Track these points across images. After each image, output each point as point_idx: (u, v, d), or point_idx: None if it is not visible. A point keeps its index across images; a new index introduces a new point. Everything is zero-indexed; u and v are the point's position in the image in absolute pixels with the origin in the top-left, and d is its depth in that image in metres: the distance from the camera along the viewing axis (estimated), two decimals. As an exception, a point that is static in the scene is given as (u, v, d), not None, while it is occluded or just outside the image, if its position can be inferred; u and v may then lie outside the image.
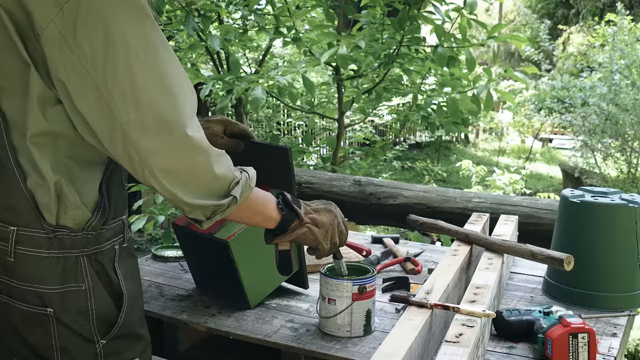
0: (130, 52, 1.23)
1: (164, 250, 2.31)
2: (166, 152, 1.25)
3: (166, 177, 1.26)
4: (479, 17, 4.12)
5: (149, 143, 1.24)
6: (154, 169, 1.25)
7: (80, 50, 1.22)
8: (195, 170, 1.29)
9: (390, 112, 5.78)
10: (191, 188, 1.30)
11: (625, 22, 10.80)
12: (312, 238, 1.54)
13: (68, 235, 1.36)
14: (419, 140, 16.05)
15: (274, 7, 4.57)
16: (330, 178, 3.35)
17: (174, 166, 1.27)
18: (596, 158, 11.02)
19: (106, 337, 1.42)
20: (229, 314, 1.82)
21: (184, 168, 1.27)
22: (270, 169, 1.84)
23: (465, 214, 2.57)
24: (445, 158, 16.19)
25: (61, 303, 1.37)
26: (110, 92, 1.23)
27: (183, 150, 1.26)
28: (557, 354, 1.50)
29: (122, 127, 1.23)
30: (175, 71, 1.28)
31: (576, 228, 1.92)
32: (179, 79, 1.28)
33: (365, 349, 1.62)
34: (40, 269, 1.36)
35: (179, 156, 1.26)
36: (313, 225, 1.54)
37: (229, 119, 1.87)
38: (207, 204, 1.32)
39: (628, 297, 1.87)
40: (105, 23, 1.22)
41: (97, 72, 1.22)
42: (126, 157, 1.27)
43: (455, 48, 4.08)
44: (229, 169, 1.35)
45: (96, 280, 1.40)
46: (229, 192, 1.34)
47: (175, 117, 1.25)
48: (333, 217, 1.58)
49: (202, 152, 1.28)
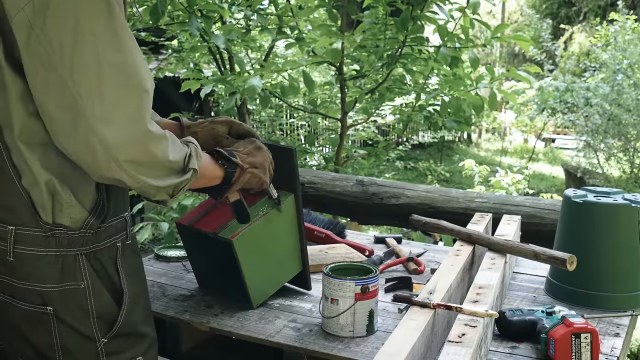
0: (99, 45, 1.24)
1: (166, 250, 2.31)
2: (132, 144, 1.27)
3: (132, 166, 1.28)
4: (482, 18, 4.12)
5: (116, 136, 1.25)
6: (120, 160, 1.26)
7: (48, 41, 1.23)
8: (157, 157, 1.32)
9: (393, 112, 5.78)
10: (156, 172, 1.33)
11: (629, 22, 10.79)
12: (256, 180, 1.65)
13: (65, 234, 1.36)
14: (422, 141, 16.04)
15: (277, 7, 4.57)
16: (333, 178, 3.35)
17: (139, 156, 1.29)
18: (599, 158, 11.02)
19: (107, 336, 1.42)
20: (231, 314, 1.82)
21: (148, 157, 1.30)
22: (275, 169, 1.84)
23: (468, 214, 2.57)
24: (448, 158, 16.18)
25: (61, 301, 1.37)
26: (77, 84, 1.23)
27: (147, 142, 1.29)
28: (560, 354, 1.50)
29: (88, 120, 1.24)
30: (141, 65, 1.30)
31: (579, 228, 1.92)
32: (143, 75, 1.30)
33: (368, 349, 1.62)
34: (40, 267, 1.36)
35: (143, 147, 1.29)
36: (253, 168, 1.64)
37: (233, 120, 1.87)
38: (172, 182, 1.36)
39: (631, 297, 1.87)
40: (76, 15, 1.23)
41: (64, 63, 1.23)
42: (88, 150, 1.26)
43: (458, 48, 4.08)
44: (180, 146, 1.40)
45: (96, 278, 1.40)
46: (186, 166, 1.38)
47: (140, 111, 1.28)
48: (264, 152, 1.68)
49: (162, 140, 1.32)
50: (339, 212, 3.60)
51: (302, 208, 1.86)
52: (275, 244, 1.85)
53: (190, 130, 1.84)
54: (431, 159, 15.36)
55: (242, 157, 1.62)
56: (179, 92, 5.11)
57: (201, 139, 1.83)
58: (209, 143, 1.84)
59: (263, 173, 1.66)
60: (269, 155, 1.70)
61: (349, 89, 4.79)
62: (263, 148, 1.68)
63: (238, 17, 5.18)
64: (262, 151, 1.67)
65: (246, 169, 1.62)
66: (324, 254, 2.22)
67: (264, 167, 1.67)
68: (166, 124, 1.85)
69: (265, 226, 1.81)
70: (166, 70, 6.25)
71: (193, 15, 4.19)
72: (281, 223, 1.84)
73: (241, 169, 1.60)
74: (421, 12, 4.07)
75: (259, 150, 1.67)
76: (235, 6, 4.68)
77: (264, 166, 1.67)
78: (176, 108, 7.00)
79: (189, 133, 1.83)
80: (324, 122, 7.35)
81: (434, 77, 4.97)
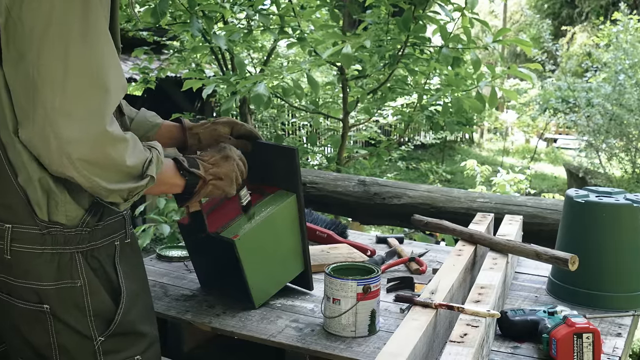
0: (69, 37, 1.22)
1: (168, 250, 2.31)
2: (87, 142, 1.24)
3: (85, 165, 1.25)
4: (484, 18, 4.12)
5: (72, 131, 1.22)
6: (73, 157, 1.23)
7: (22, 26, 1.21)
8: (114, 160, 1.28)
9: (394, 112, 5.78)
10: (110, 175, 1.29)
11: (632, 23, 10.79)
12: (219, 192, 1.60)
13: (61, 232, 1.36)
14: (424, 141, 16.04)
15: (279, 7, 4.58)
16: (335, 178, 3.35)
17: (93, 156, 1.25)
18: (601, 158, 11.02)
19: (104, 334, 1.42)
20: (233, 314, 1.82)
21: (103, 158, 1.26)
22: (277, 169, 1.85)
23: (469, 214, 2.56)
24: (449, 158, 16.19)
25: (57, 299, 1.38)
26: (41, 73, 1.21)
27: (104, 142, 1.25)
28: (562, 354, 1.50)
29: (46, 110, 1.21)
30: (111, 64, 1.28)
31: (581, 228, 1.92)
32: (113, 72, 1.28)
33: (370, 349, 1.62)
34: (37, 265, 1.36)
35: (99, 147, 1.25)
36: (217, 180, 1.58)
37: (235, 121, 1.87)
38: (126, 187, 1.32)
39: (632, 297, 1.87)
40: (51, 2, 1.21)
41: (32, 49, 1.21)
42: (42, 141, 1.24)
43: (460, 49, 4.08)
44: (141, 150, 1.35)
45: (93, 277, 1.40)
46: (143, 172, 1.34)
47: (102, 110, 1.25)
48: (232, 162, 1.61)
49: (121, 143, 1.29)
50: (340, 212, 3.60)
51: (304, 208, 1.86)
52: (277, 244, 1.85)
53: (192, 131, 1.84)
54: (433, 159, 15.36)
55: (206, 167, 1.57)
56: (181, 91, 5.12)
57: (203, 140, 1.84)
58: (211, 144, 1.84)
59: (228, 185, 1.60)
60: (238, 164, 1.64)
61: (351, 89, 4.80)
62: (231, 157, 1.62)
63: (240, 17, 5.19)
64: (229, 161, 1.61)
65: (209, 181, 1.56)
66: (325, 254, 2.22)
67: (230, 178, 1.61)
68: (168, 126, 1.85)
69: (267, 226, 1.81)
70: (168, 70, 6.25)
71: (194, 15, 4.20)
72: (283, 223, 1.84)
73: (203, 181, 1.55)
74: (423, 12, 4.07)
75: (226, 160, 1.61)
76: (237, 6, 4.68)
77: (230, 177, 1.61)
78: (178, 108, 7.01)
79: (191, 134, 1.84)
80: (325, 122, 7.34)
81: (436, 77, 4.97)
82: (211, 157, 1.60)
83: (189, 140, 1.83)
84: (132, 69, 6.46)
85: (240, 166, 1.65)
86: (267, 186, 1.88)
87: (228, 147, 1.65)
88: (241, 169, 1.65)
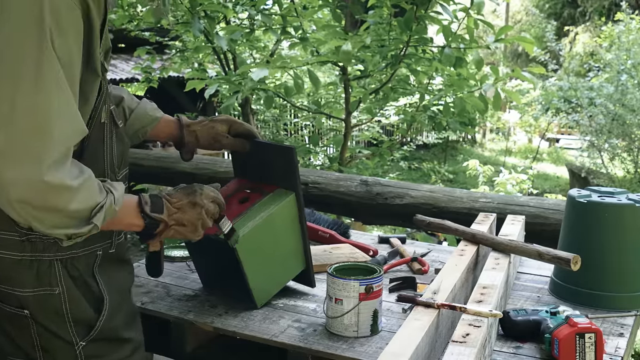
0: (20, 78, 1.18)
1: (170, 250, 2.31)
2: (24, 186, 1.19)
3: (23, 207, 1.20)
4: (486, 18, 4.12)
5: (10, 172, 1.17)
6: (11, 198, 1.19)
7: None
8: (55, 205, 1.23)
9: (397, 112, 5.78)
10: (48, 222, 1.24)
11: (634, 22, 10.79)
12: (181, 236, 1.51)
13: (40, 239, 1.36)
14: (426, 141, 16.04)
15: (281, 7, 4.58)
16: (337, 178, 3.34)
17: (32, 201, 1.20)
18: (603, 158, 11.01)
19: (85, 339, 1.43)
20: (235, 314, 1.82)
21: (42, 203, 1.21)
22: (276, 168, 1.84)
23: (472, 214, 2.56)
24: (452, 158, 16.19)
25: (36, 305, 1.38)
26: None
27: (44, 189, 1.20)
28: (564, 354, 1.50)
29: None
30: (61, 111, 1.22)
31: (583, 228, 1.92)
32: (62, 120, 1.22)
33: (372, 349, 1.62)
34: (16, 271, 1.37)
35: (39, 194, 1.20)
36: (179, 226, 1.49)
37: (234, 119, 1.87)
38: (66, 232, 1.28)
39: (634, 297, 1.87)
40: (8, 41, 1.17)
41: None
42: None
43: (463, 49, 4.08)
44: (93, 196, 1.29)
45: (72, 285, 1.40)
46: (90, 218, 1.28)
47: (40, 156, 1.19)
48: (199, 209, 1.50)
49: (63, 192, 1.23)
50: (343, 212, 3.60)
51: (303, 206, 1.85)
52: (278, 244, 1.85)
53: (189, 129, 1.84)
54: (435, 159, 15.36)
55: (170, 211, 1.47)
56: (183, 91, 5.13)
57: (201, 137, 1.84)
58: (209, 142, 1.84)
59: (190, 231, 1.50)
60: (207, 210, 1.53)
61: (353, 89, 4.80)
62: (199, 204, 1.51)
63: (242, 17, 5.20)
64: (195, 208, 1.50)
65: (170, 225, 1.47)
66: (328, 254, 2.22)
67: (194, 225, 1.50)
68: (167, 121, 1.85)
69: (267, 226, 1.80)
70: (170, 69, 6.26)
71: (195, 16, 4.20)
72: (283, 222, 1.84)
73: (165, 225, 1.46)
74: (425, 12, 4.07)
75: (192, 207, 1.50)
76: (240, 6, 4.68)
77: (194, 224, 1.50)
78: (180, 108, 7.02)
79: (189, 132, 1.84)
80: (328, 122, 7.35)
81: (438, 77, 4.97)
82: (178, 201, 1.49)
83: (186, 138, 1.83)
84: (134, 68, 6.47)
85: (210, 211, 1.54)
86: (266, 185, 1.88)
87: (199, 192, 1.53)
88: (211, 213, 1.54)
